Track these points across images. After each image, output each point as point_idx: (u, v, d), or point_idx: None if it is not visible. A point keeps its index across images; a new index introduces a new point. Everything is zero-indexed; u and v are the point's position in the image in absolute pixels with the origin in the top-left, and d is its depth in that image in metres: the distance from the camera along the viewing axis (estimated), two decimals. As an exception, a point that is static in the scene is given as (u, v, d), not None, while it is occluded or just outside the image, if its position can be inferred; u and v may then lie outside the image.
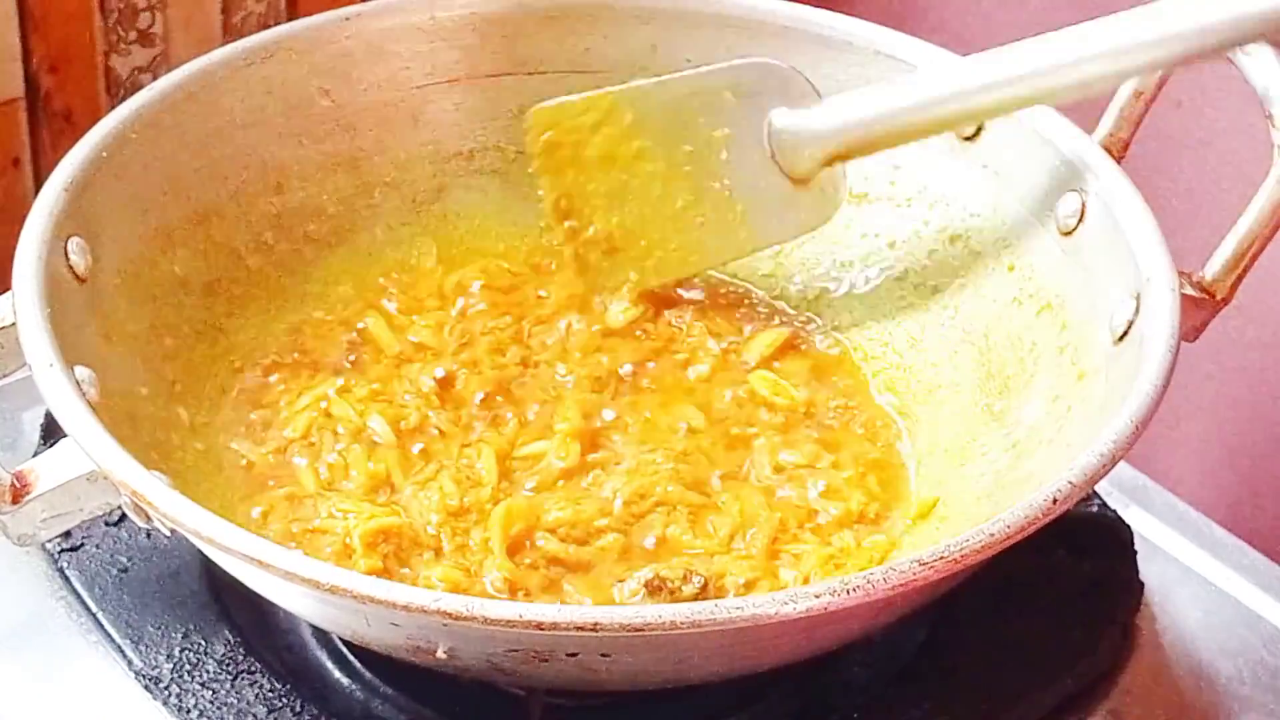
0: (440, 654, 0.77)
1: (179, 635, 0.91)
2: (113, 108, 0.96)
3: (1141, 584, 0.97)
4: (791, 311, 1.03)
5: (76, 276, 0.89)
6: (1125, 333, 0.89)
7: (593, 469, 0.93)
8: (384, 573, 0.87)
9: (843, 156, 0.97)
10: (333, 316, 1.01)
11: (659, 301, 1.02)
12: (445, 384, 0.97)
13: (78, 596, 0.93)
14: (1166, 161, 1.13)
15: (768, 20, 1.03)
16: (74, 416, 0.81)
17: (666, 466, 0.93)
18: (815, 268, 1.04)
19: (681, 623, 0.74)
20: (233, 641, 0.91)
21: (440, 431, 0.95)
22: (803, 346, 1.02)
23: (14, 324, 0.85)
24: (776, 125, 0.98)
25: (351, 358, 0.99)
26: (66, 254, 0.89)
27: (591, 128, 1.00)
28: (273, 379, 0.97)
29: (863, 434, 0.97)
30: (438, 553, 0.89)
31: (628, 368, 0.99)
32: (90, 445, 0.81)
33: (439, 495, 0.91)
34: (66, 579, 0.94)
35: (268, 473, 0.93)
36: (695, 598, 0.86)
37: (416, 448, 0.94)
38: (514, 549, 0.89)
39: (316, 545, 0.89)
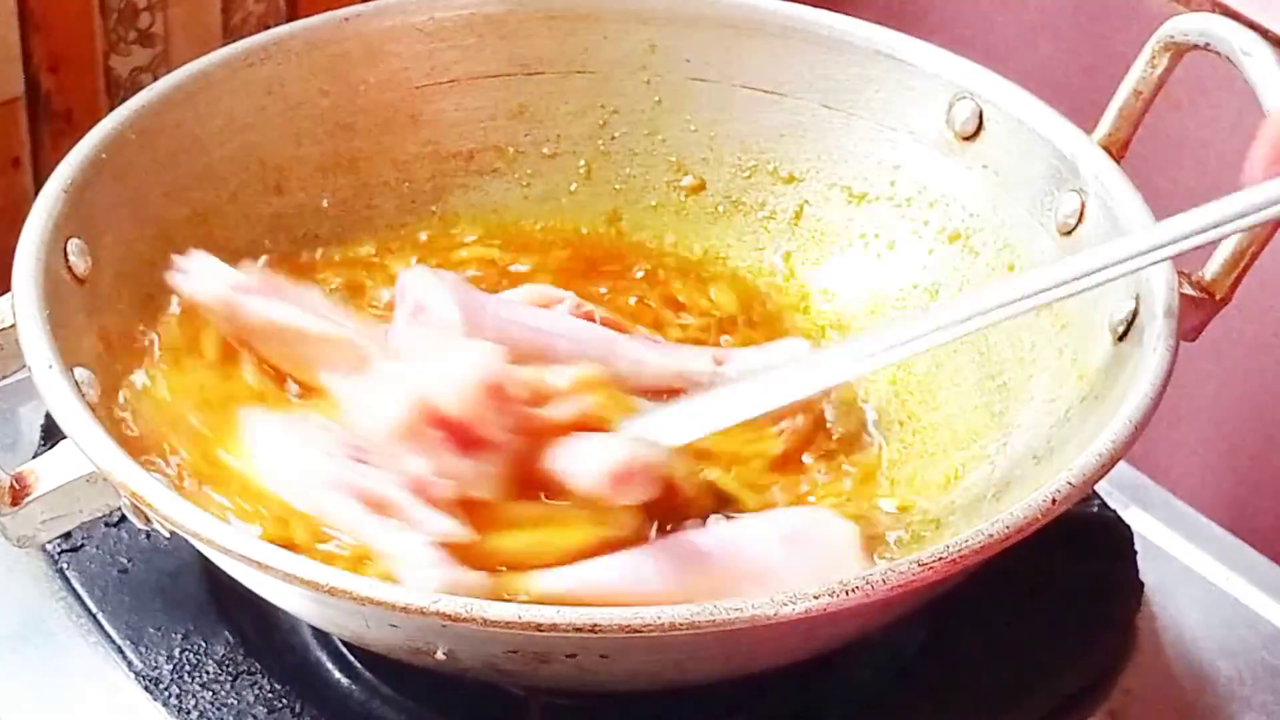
0: (439, 655, 0.77)
1: (179, 636, 0.91)
2: (113, 108, 0.96)
3: (1141, 584, 0.97)
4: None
5: (76, 277, 0.89)
6: (1125, 333, 0.88)
7: None
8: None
9: None
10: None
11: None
12: None
13: (78, 597, 0.93)
14: (1166, 161, 1.12)
15: (767, 20, 1.03)
16: (73, 418, 0.81)
17: None
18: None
19: (680, 624, 0.74)
20: (233, 642, 0.91)
21: None
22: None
23: (13, 325, 0.85)
24: None
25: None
26: (66, 255, 0.89)
27: None
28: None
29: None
30: None
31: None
32: (90, 447, 0.81)
33: None
34: (66, 580, 0.94)
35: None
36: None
37: None
38: None
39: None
